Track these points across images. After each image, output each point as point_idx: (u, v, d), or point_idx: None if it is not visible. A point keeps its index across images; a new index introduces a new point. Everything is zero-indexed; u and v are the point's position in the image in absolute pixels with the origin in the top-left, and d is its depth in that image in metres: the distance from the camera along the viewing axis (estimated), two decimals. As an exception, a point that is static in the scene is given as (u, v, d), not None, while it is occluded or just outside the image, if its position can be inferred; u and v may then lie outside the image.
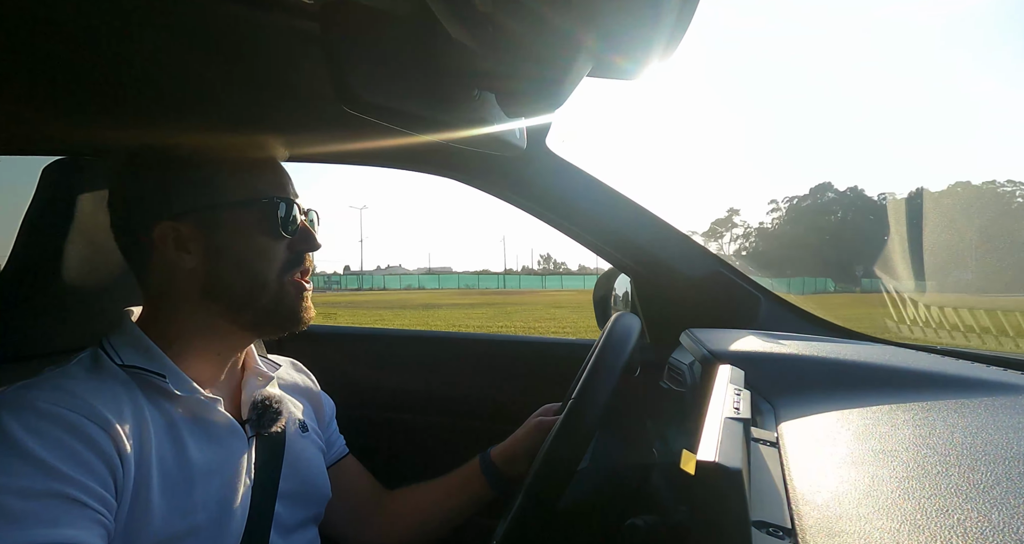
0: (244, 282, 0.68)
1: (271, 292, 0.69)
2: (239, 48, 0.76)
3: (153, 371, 0.65)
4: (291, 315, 0.71)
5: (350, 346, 1.41)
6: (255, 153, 0.72)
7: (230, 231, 0.68)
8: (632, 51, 0.47)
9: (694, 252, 1.13)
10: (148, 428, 0.62)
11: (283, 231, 0.69)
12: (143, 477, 0.60)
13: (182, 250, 0.68)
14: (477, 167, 1.11)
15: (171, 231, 0.67)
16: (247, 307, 0.68)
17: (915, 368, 0.71)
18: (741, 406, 0.50)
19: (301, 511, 0.76)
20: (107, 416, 0.58)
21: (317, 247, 0.73)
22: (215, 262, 0.68)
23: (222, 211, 0.68)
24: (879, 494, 0.40)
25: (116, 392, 0.62)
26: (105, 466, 0.56)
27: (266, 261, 0.69)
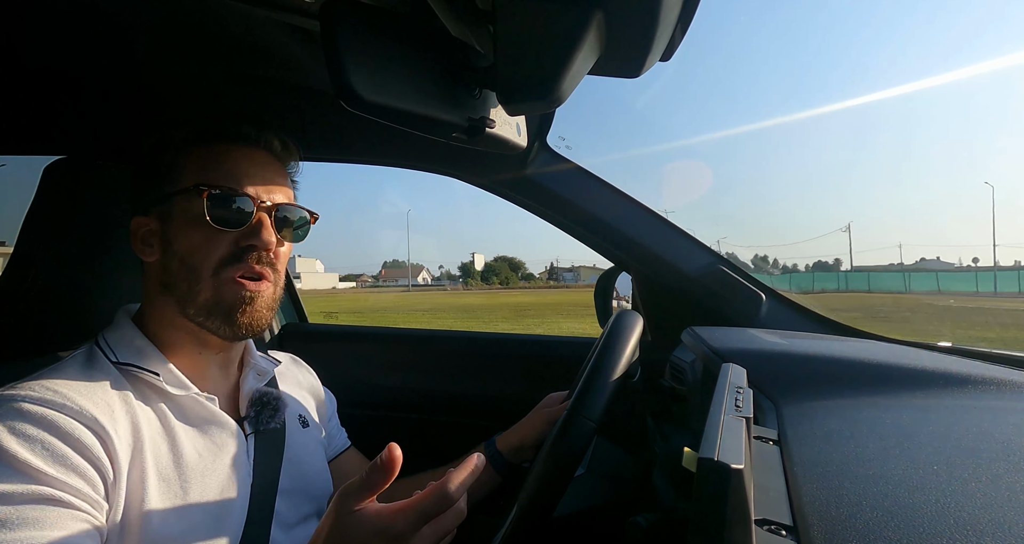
0: (185, 275, 0.65)
1: (208, 288, 0.65)
2: (239, 46, 0.76)
3: (146, 369, 0.64)
4: (225, 315, 0.66)
5: (351, 345, 1.41)
6: (213, 143, 0.68)
7: (178, 222, 0.66)
8: (634, 49, 0.47)
9: (695, 250, 1.13)
10: (141, 428, 0.61)
11: (217, 223, 0.64)
12: (137, 478, 0.59)
13: (146, 244, 0.68)
14: (478, 165, 1.11)
15: (142, 225, 0.68)
16: (190, 303, 0.66)
17: (917, 366, 0.70)
18: (743, 404, 0.50)
19: (302, 507, 0.76)
20: (96, 416, 0.57)
21: (264, 245, 0.66)
22: (166, 255, 0.67)
23: (172, 202, 0.66)
24: (882, 492, 0.40)
25: (108, 391, 0.61)
26: (93, 468, 0.56)
27: (202, 253, 0.65)
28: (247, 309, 0.67)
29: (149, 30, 0.70)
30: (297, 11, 0.62)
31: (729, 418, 0.44)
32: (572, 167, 1.10)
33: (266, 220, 0.67)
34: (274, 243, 0.68)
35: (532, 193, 1.10)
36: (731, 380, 0.58)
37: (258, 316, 0.68)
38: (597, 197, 1.10)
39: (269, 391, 0.75)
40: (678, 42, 0.49)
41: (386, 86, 0.46)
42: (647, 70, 0.51)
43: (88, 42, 0.73)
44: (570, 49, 0.43)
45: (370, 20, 0.46)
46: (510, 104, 0.47)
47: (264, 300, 0.68)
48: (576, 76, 0.45)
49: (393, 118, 0.48)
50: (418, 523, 0.49)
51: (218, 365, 0.73)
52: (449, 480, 0.51)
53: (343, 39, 0.43)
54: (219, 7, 0.64)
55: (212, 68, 0.84)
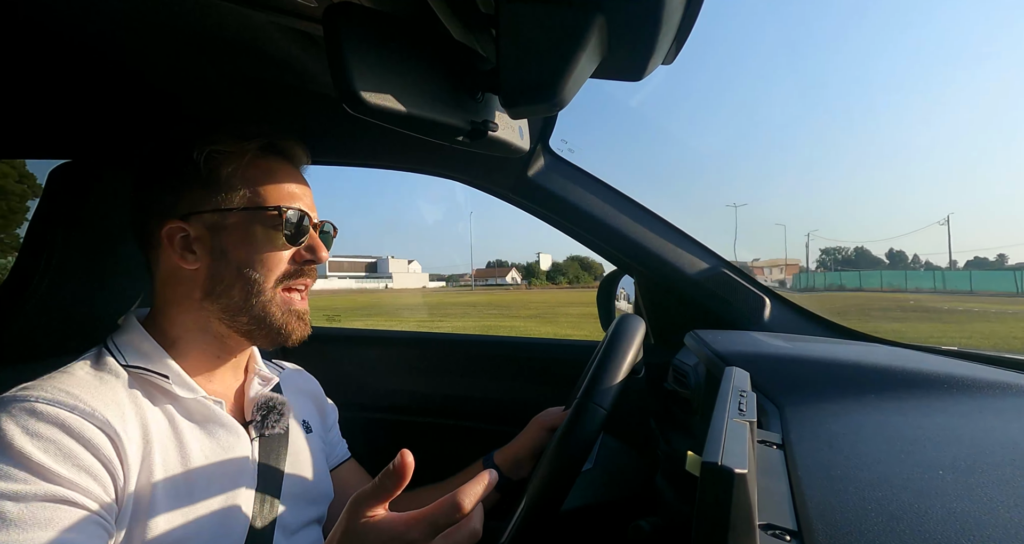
0: (242, 286, 0.68)
1: (264, 300, 0.68)
2: (244, 50, 0.76)
3: (156, 372, 0.65)
4: (279, 327, 0.70)
5: (354, 348, 1.41)
6: (270, 159, 0.72)
7: (236, 235, 0.68)
8: (637, 53, 0.47)
9: (698, 253, 1.13)
10: (150, 430, 0.62)
11: (288, 241, 0.69)
12: (145, 480, 0.59)
13: (187, 250, 0.69)
14: (480, 168, 1.11)
15: (179, 231, 0.69)
16: (242, 312, 0.68)
17: (921, 369, 0.70)
18: (746, 408, 0.50)
19: (305, 512, 0.76)
20: (108, 418, 0.58)
21: (322, 260, 0.72)
22: (217, 264, 0.68)
23: (230, 215, 0.68)
24: (886, 496, 0.40)
25: (118, 393, 0.62)
26: (104, 469, 0.56)
27: (266, 269, 0.68)
28: (299, 324, 0.72)
29: (154, 34, 0.71)
30: (301, 15, 0.62)
31: (733, 422, 0.44)
32: (574, 170, 1.10)
33: (317, 237, 0.73)
34: (328, 257, 0.74)
35: (534, 196, 1.11)
36: (735, 384, 0.57)
37: (308, 328, 0.73)
38: (600, 200, 1.10)
39: (275, 396, 0.76)
40: (680, 45, 0.49)
41: (389, 90, 0.46)
42: (650, 73, 0.51)
43: (93, 46, 0.73)
44: (573, 53, 0.43)
45: (373, 24, 0.46)
46: (513, 107, 0.47)
47: (308, 317, 0.74)
48: (579, 79, 0.45)
49: (396, 122, 0.48)
50: (430, 533, 0.49)
51: (229, 370, 0.74)
52: (462, 492, 0.50)
53: (346, 43, 0.43)
54: (223, 11, 0.64)
55: (216, 72, 0.84)
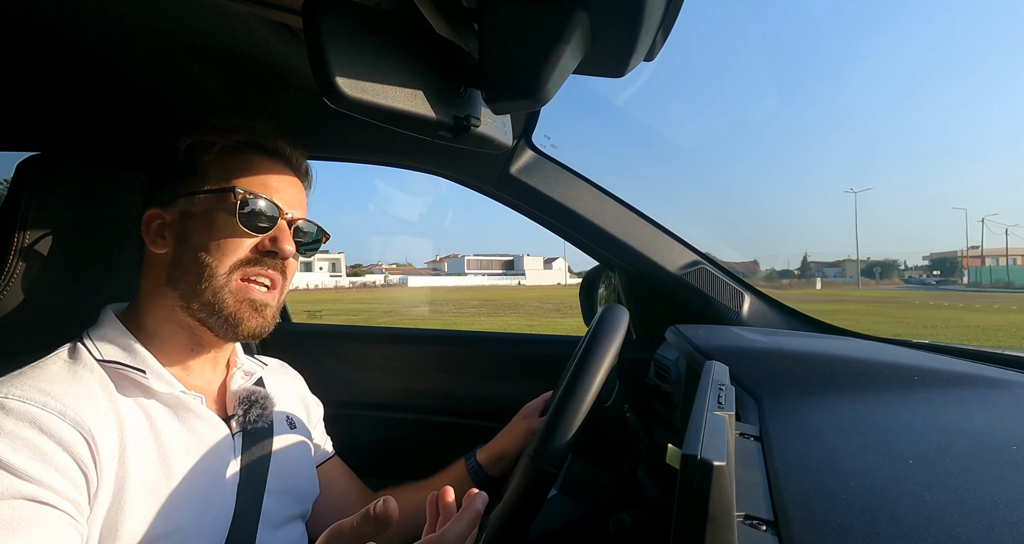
0: (196, 270, 0.66)
1: (214, 287, 0.66)
2: (222, 41, 0.75)
3: (132, 366, 0.64)
4: (231, 317, 0.67)
5: (334, 344, 1.39)
6: (255, 154, 0.71)
7: (200, 221, 0.67)
8: (619, 49, 0.47)
9: (679, 248, 1.14)
10: (126, 426, 0.60)
11: (245, 226, 0.67)
12: (122, 477, 0.58)
13: (158, 236, 0.69)
14: (463, 164, 1.11)
15: (157, 218, 0.69)
16: (195, 297, 0.67)
17: (893, 362, 0.72)
18: (725, 401, 0.51)
19: (289, 507, 0.76)
20: (81, 415, 0.57)
21: (285, 253, 0.69)
22: (180, 249, 0.68)
23: (198, 200, 0.68)
24: (860, 486, 0.41)
25: (92, 389, 0.60)
26: (77, 467, 0.55)
27: (221, 253, 0.67)
28: (255, 316, 0.69)
29: (127, 25, 0.69)
30: (280, 7, 0.61)
31: (712, 415, 0.44)
32: (557, 166, 1.10)
33: (287, 231, 0.71)
34: (292, 252, 0.71)
35: (516, 192, 1.11)
36: (714, 377, 0.58)
37: (267, 323, 0.71)
38: (582, 196, 1.11)
39: (256, 389, 0.75)
40: (662, 42, 0.49)
41: (370, 84, 0.45)
42: (631, 70, 0.51)
43: (65, 37, 0.71)
44: (555, 48, 0.43)
45: (354, 17, 0.46)
46: (495, 103, 0.47)
47: (272, 309, 0.71)
48: (561, 75, 0.45)
49: (377, 116, 0.47)
50: None
51: (207, 364, 0.73)
52: (447, 531, 0.51)
53: (327, 36, 0.43)
54: (198, 2, 0.63)
55: (193, 64, 0.82)
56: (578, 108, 34.99)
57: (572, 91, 3.18)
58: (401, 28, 0.50)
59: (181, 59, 0.80)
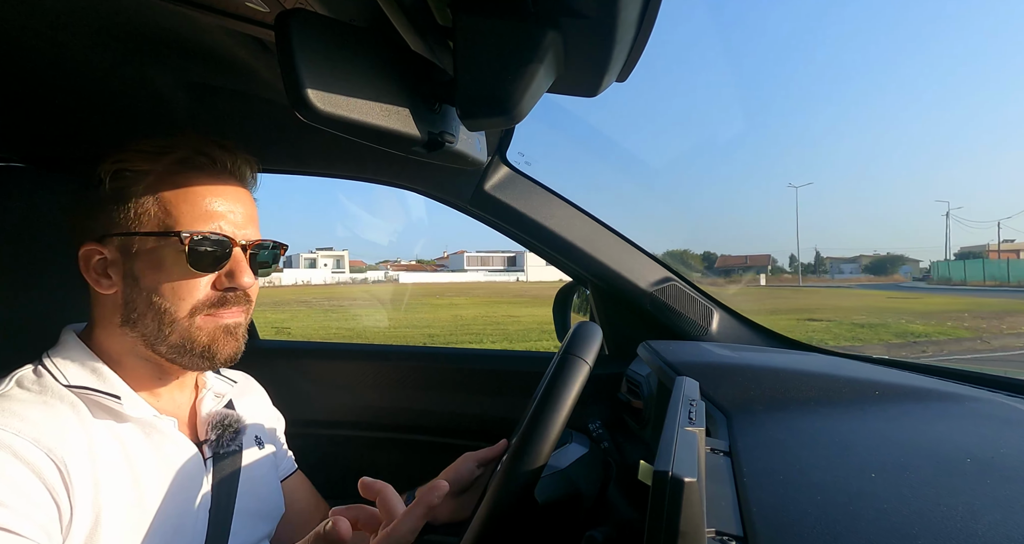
0: (154, 316, 0.63)
1: (180, 330, 0.63)
2: (191, 52, 0.74)
3: (106, 393, 0.62)
4: (205, 352, 0.65)
5: (301, 361, 1.36)
6: (189, 174, 0.65)
7: (145, 261, 0.63)
8: (591, 70, 0.48)
9: (650, 265, 1.16)
10: (99, 454, 0.59)
11: (197, 268, 0.63)
12: (98, 506, 0.57)
13: (102, 275, 0.65)
14: (437, 179, 1.11)
15: (96, 254, 0.64)
16: (159, 341, 0.63)
17: (855, 377, 0.74)
18: (696, 416, 0.51)
19: (258, 528, 0.74)
20: (55, 442, 0.55)
21: (244, 286, 0.66)
22: (130, 291, 0.64)
23: (139, 239, 0.63)
24: (824, 500, 0.42)
25: (64, 415, 0.58)
26: (49, 495, 0.53)
27: (177, 298, 0.63)
28: (229, 340, 0.66)
29: (88, 31, 0.67)
30: (251, 21, 0.61)
31: (683, 431, 0.45)
32: (531, 183, 1.11)
33: (243, 260, 0.66)
34: (251, 284, 0.67)
35: (490, 208, 1.11)
36: (685, 393, 0.59)
37: (240, 345, 0.68)
38: (555, 213, 1.12)
39: (229, 413, 0.73)
40: (634, 63, 0.51)
41: (343, 98, 0.45)
42: (604, 90, 0.52)
43: (25, 44, 0.69)
44: (528, 67, 0.44)
45: (326, 31, 0.46)
46: (469, 119, 0.48)
47: (241, 331, 0.69)
48: (535, 94, 0.46)
49: (350, 131, 0.47)
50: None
51: (176, 389, 0.71)
52: (397, 527, 0.53)
53: (298, 50, 0.43)
54: (170, 14, 0.62)
55: (164, 76, 0.81)
56: (544, 121, 36.29)
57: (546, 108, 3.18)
58: (375, 44, 0.50)
59: (147, 69, 0.78)
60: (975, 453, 0.49)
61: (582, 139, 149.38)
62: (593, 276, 1.16)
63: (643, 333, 1.12)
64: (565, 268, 1.21)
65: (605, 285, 1.17)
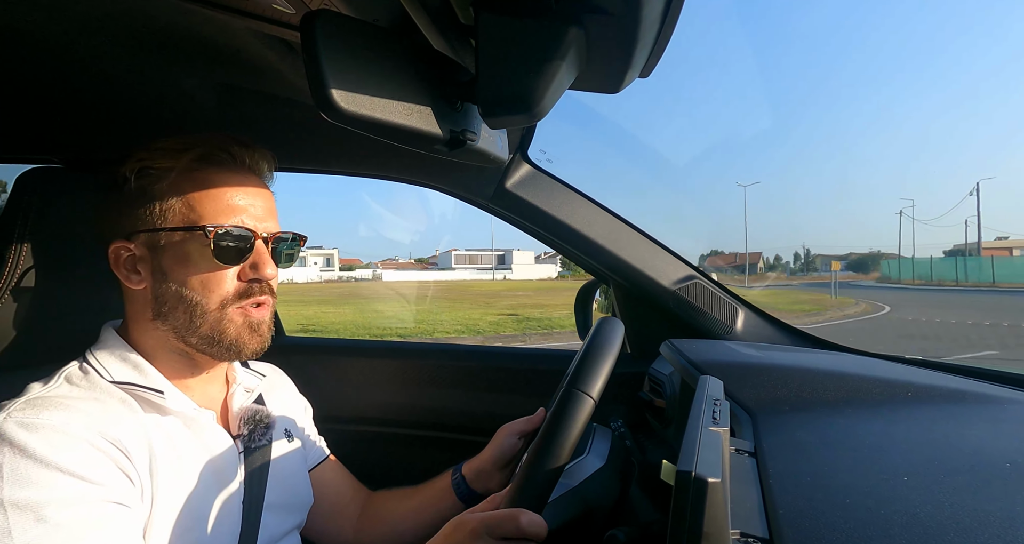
0: (185, 309, 0.65)
1: (211, 321, 0.65)
2: (218, 55, 0.75)
3: (150, 388, 0.64)
4: (232, 345, 0.67)
5: (328, 358, 1.38)
6: (208, 170, 0.67)
7: (173, 255, 0.65)
8: (614, 67, 0.48)
9: (674, 262, 1.14)
10: (151, 445, 0.61)
11: (222, 261, 0.65)
12: (152, 493, 0.60)
13: (132, 271, 0.67)
14: (458, 178, 1.11)
15: (124, 251, 0.66)
16: (191, 333, 0.66)
17: (886, 378, 0.72)
18: (720, 416, 0.51)
19: (287, 520, 0.76)
20: (117, 434, 0.58)
21: (268, 278, 0.68)
22: (160, 285, 0.66)
23: (165, 234, 0.65)
24: (853, 503, 0.41)
25: (118, 410, 0.61)
26: (127, 477, 0.57)
27: (206, 290, 0.65)
28: (254, 336, 0.68)
29: (125, 37, 0.69)
30: (278, 22, 0.62)
31: (707, 431, 0.44)
32: (552, 180, 1.11)
33: (265, 252, 0.68)
34: (274, 275, 0.69)
35: (512, 206, 1.11)
36: (709, 392, 0.58)
37: (265, 340, 0.70)
38: (578, 210, 1.11)
39: (260, 409, 0.75)
40: (657, 59, 0.50)
41: (367, 98, 0.46)
42: (626, 86, 0.52)
43: (62, 49, 0.71)
44: (550, 64, 0.43)
45: (351, 32, 0.46)
46: (491, 117, 0.48)
47: (267, 324, 0.70)
48: (557, 91, 0.46)
49: (374, 130, 0.48)
50: None
51: (209, 382, 0.73)
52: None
53: (323, 50, 0.43)
54: (201, 17, 0.63)
55: (193, 78, 0.83)
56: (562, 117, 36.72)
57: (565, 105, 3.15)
58: (398, 43, 0.50)
59: (178, 72, 0.81)
60: (1015, 458, 0.47)
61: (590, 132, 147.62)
62: (615, 274, 1.15)
63: (666, 332, 1.11)
64: (586, 265, 1.20)
65: (627, 283, 1.16)
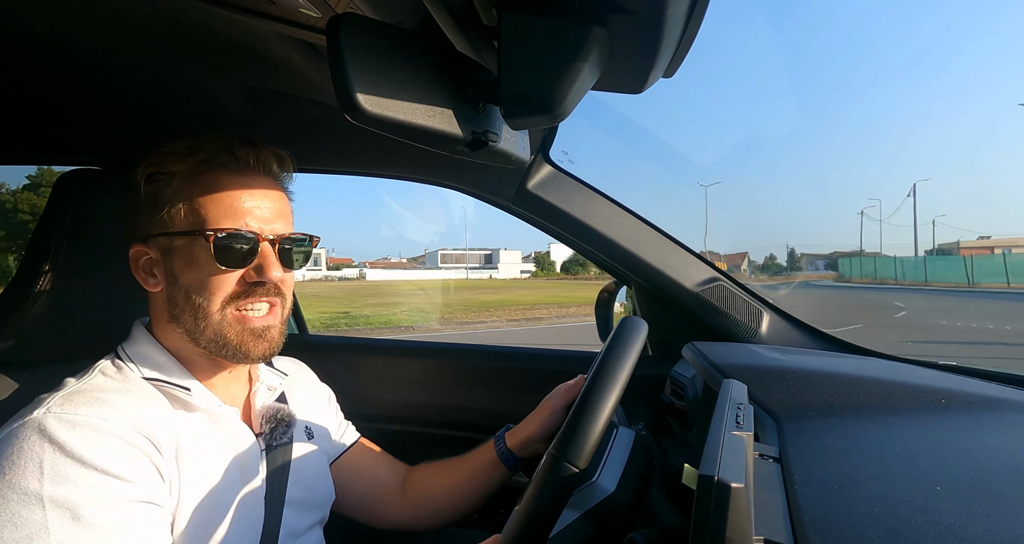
0: (191, 311, 0.66)
1: (213, 324, 0.66)
2: (246, 59, 0.77)
3: (178, 385, 0.66)
4: (235, 349, 0.67)
5: (352, 356, 1.40)
6: (215, 172, 0.67)
7: (182, 259, 0.66)
8: (638, 66, 0.47)
9: (696, 264, 1.13)
10: (179, 440, 0.63)
11: (224, 265, 0.65)
12: (179, 487, 0.61)
13: (148, 274, 0.68)
14: (480, 178, 1.12)
15: (142, 254, 0.68)
16: (198, 335, 0.67)
17: (919, 384, 0.70)
18: (744, 421, 0.50)
19: (308, 516, 0.78)
20: (151, 428, 0.60)
21: (272, 280, 0.67)
22: (172, 288, 0.67)
23: (175, 238, 0.66)
24: (884, 512, 0.40)
25: (150, 406, 0.63)
26: (157, 472, 0.59)
27: (208, 293, 0.65)
28: (259, 341, 0.68)
29: (159, 42, 0.71)
30: (305, 26, 0.63)
31: (730, 435, 0.43)
32: (574, 181, 1.11)
33: (271, 255, 0.68)
34: (280, 278, 0.69)
35: (533, 207, 1.11)
36: (732, 396, 0.57)
37: (273, 345, 0.70)
38: (599, 211, 1.11)
39: (281, 408, 0.76)
40: (681, 59, 0.50)
41: (390, 100, 0.46)
42: (650, 86, 0.51)
43: (100, 54, 0.74)
44: (574, 65, 0.43)
45: (376, 35, 0.47)
46: (513, 118, 0.48)
47: (277, 328, 0.70)
48: (579, 92, 0.46)
49: (397, 131, 0.48)
50: None
51: (231, 381, 0.75)
52: None
53: (348, 53, 0.44)
54: (230, 21, 0.65)
55: (219, 79, 0.85)
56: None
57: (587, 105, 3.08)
58: (422, 46, 0.51)
59: (208, 75, 0.83)
60: None
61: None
62: (637, 275, 1.14)
63: (688, 334, 1.10)
64: (607, 267, 1.20)
65: (649, 284, 1.15)
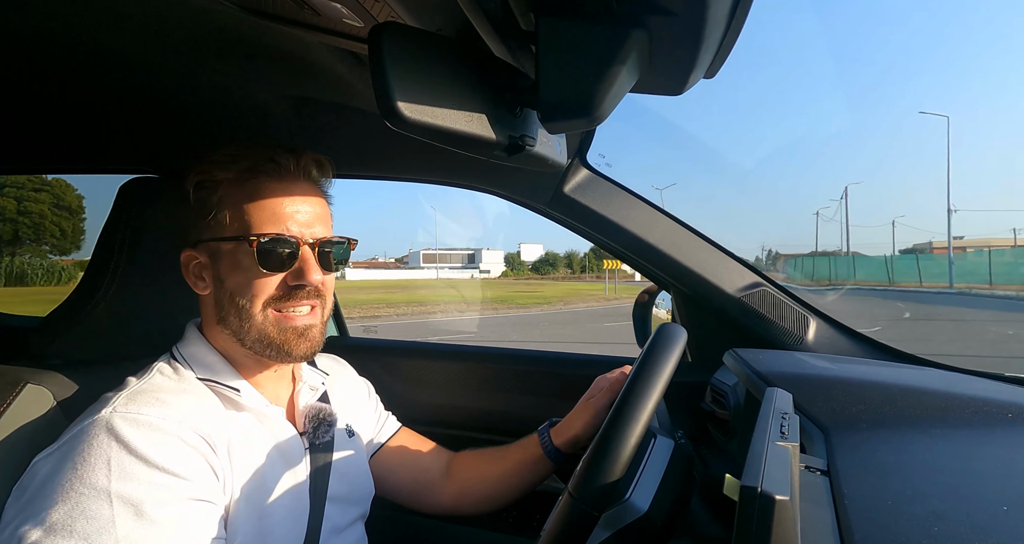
0: (236, 313, 0.69)
1: (256, 325, 0.69)
2: (291, 69, 0.80)
3: (228, 385, 0.69)
4: (278, 347, 0.70)
5: (391, 359, 1.42)
6: (258, 179, 0.70)
7: (228, 263, 0.69)
8: (678, 68, 0.47)
9: (739, 269, 1.10)
10: (230, 439, 0.66)
11: (267, 268, 0.67)
12: (232, 484, 0.64)
13: (198, 278, 0.72)
14: (517, 182, 1.12)
15: (192, 258, 0.72)
16: (243, 336, 0.69)
17: (980, 396, 0.66)
18: (789, 431, 0.48)
19: (350, 511, 0.80)
20: (206, 428, 0.63)
21: (312, 284, 0.70)
22: (219, 291, 0.71)
23: (222, 243, 0.69)
24: (943, 532, 0.38)
25: (205, 405, 0.67)
26: (212, 470, 0.62)
27: (251, 295, 0.68)
28: (302, 341, 0.71)
29: (213, 55, 0.75)
30: (347, 36, 0.65)
31: (774, 445, 0.42)
32: (611, 185, 1.09)
33: (311, 258, 0.70)
34: (320, 280, 0.71)
35: (570, 210, 1.10)
36: (776, 405, 0.55)
37: (315, 343, 0.72)
38: (636, 215, 1.09)
39: (323, 407, 0.79)
40: (723, 60, 0.49)
41: (430, 106, 0.47)
42: (690, 87, 0.50)
43: (157, 67, 0.78)
44: (612, 69, 0.43)
45: (416, 42, 0.48)
46: (550, 123, 0.48)
47: (318, 328, 0.73)
48: (617, 95, 0.45)
49: (436, 137, 0.49)
50: None
51: (277, 380, 0.78)
52: None
53: (389, 61, 0.45)
54: (277, 32, 0.67)
55: (268, 90, 0.88)
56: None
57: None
58: (460, 52, 0.51)
59: (258, 86, 0.86)
60: None
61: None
62: (676, 280, 1.12)
63: (729, 340, 1.07)
64: (646, 271, 1.18)
65: (689, 290, 1.12)
